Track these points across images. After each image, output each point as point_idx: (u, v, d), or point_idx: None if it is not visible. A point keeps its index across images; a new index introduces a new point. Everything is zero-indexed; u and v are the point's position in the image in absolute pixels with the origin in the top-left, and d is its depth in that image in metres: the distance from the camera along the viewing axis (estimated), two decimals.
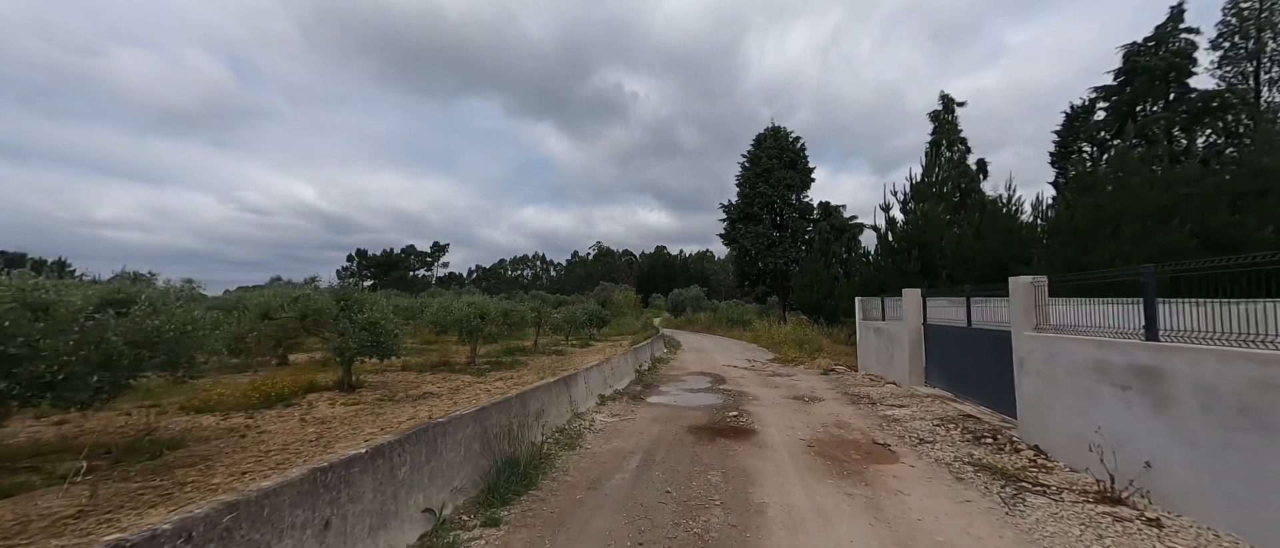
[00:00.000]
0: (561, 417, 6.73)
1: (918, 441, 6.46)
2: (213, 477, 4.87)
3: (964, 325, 8.55)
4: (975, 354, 8.09)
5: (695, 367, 14.77)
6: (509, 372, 14.02)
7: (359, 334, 9.11)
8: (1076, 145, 27.58)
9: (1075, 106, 27.66)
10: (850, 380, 11.98)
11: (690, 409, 8.59)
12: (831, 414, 8.21)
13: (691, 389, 10.75)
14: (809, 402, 9.35)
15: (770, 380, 12.06)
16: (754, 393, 10.29)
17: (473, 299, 14.71)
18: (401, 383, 11.46)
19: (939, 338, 9.72)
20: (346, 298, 9.38)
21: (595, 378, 8.72)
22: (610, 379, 9.76)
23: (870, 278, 19.52)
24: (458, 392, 10.50)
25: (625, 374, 11.12)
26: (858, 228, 33.58)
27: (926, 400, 8.92)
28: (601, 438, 6.47)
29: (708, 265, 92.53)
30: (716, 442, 6.50)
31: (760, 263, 33.91)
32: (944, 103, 26.05)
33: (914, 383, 10.29)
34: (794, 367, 15.04)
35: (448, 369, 13.84)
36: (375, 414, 8.09)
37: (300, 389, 9.40)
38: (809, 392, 10.42)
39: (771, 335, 22.89)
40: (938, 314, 10.11)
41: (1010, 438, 6.25)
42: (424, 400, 9.49)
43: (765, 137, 34.44)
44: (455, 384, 11.36)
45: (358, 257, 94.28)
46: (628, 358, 11.94)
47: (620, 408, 8.41)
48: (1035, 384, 5.89)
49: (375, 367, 14.17)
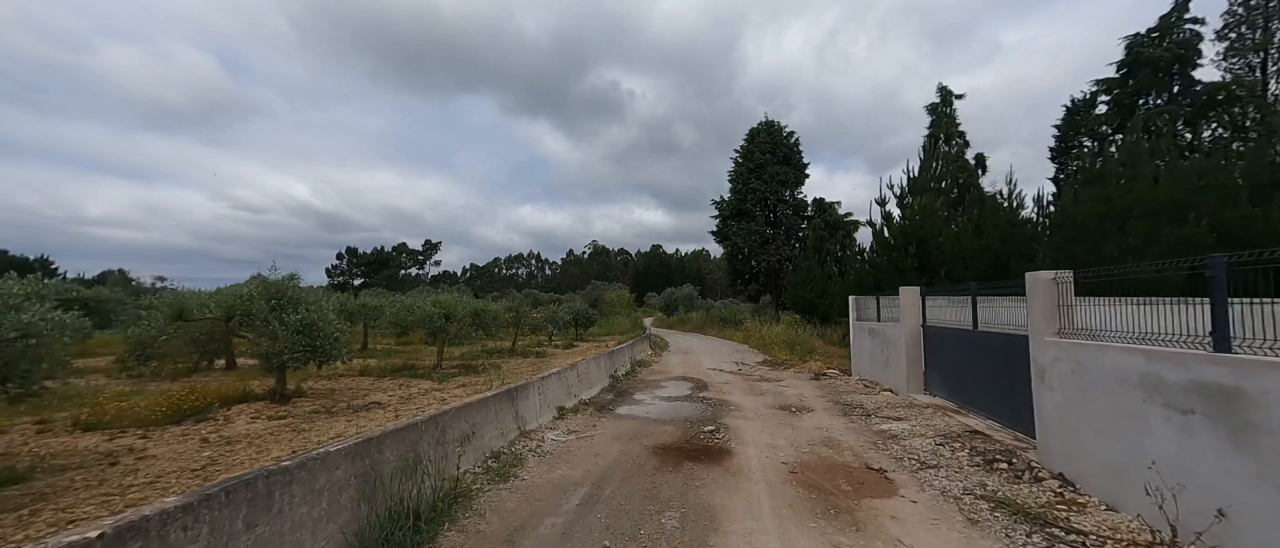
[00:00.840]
0: (502, 437, 5.72)
1: (919, 464, 5.49)
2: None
3: (969, 328, 7.60)
4: (983, 361, 7.14)
5: (678, 371, 13.79)
6: (477, 377, 13.00)
7: (291, 337, 8.05)
8: (1077, 140, 26.77)
9: (1076, 100, 26.85)
10: (843, 387, 11.03)
11: (662, 423, 7.60)
12: (820, 429, 7.23)
13: (669, 398, 9.76)
14: (796, 413, 8.37)
15: (756, 387, 11.09)
16: (737, 402, 9.32)
17: (439, 298, 13.66)
18: (350, 391, 10.42)
19: (940, 341, 8.77)
20: (279, 295, 8.34)
21: (555, 387, 7.70)
22: (576, 387, 8.75)
23: (865, 276, 18.59)
24: (409, 401, 9.48)
25: (596, 381, 10.12)
26: (853, 225, 32.69)
27: (926, 412, 7.96)
28: (546, 465, 5.46)
29: (704, 265, 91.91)
30: (683, 467, 5.51)
31: (753, 261, 32.97)
32: (942, 95, 25.18)
33: (912, 390, 9.34)
34: (784, 370, 14.09)
35: (410, 374, 12.81)
36: (298, 431, 7.04)
37: (226, 400, 8.34)
38: (797, 401, 9.45)
39: (762, 336, 21.95)
40: (939, 315, 9.16)
41: (1028, 463, 5.29)
42: (367, 413, 8.46)
43: (759, 131, 33.47)
44: (410, 392, 10.34)
45: (348, 254, 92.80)
46: (602, 362, 10.93)
47: (581, 422, 7.40)
48: (1059, 400, 4.92)
49: (330, 372, 13.13)
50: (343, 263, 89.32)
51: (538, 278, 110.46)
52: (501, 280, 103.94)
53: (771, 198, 31.98)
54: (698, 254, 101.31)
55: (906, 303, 9.57)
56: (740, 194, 32.66)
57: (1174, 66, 23.67)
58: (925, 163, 17.70)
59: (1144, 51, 23.64)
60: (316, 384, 11.16)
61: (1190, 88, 23.43)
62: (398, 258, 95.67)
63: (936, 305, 9.21)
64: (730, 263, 34.87)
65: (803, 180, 33.39)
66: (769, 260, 31.77)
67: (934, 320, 9.25)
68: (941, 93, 25.03)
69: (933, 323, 9.21)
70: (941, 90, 25.04)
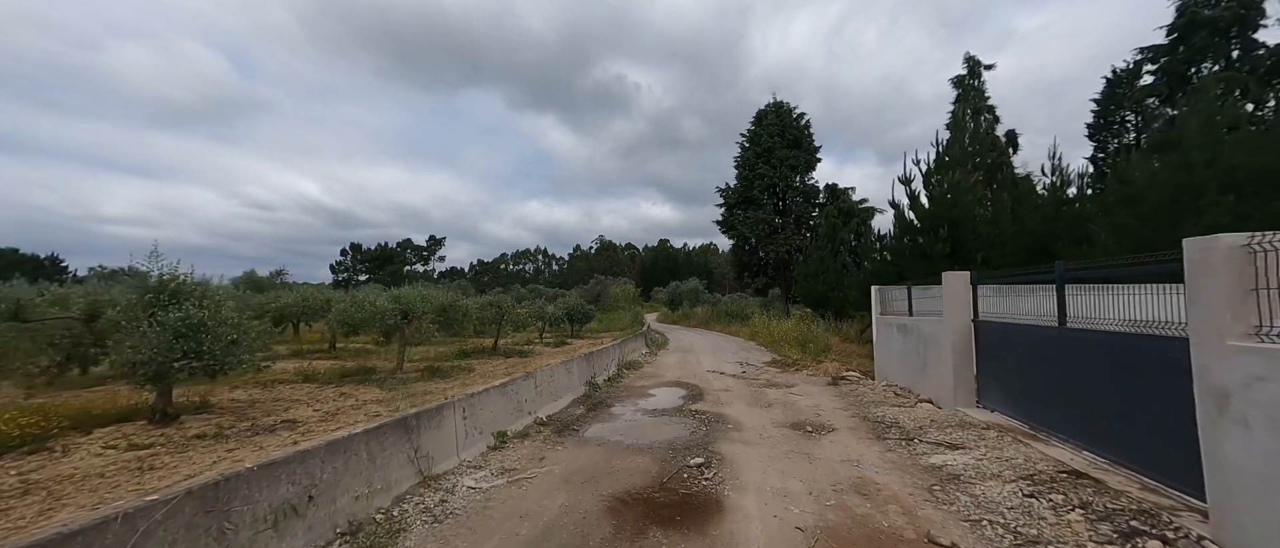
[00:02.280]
0: (383, 491, 3.88)
1: (1012, 536, 3.56)
2: None
3: (1050, 325, 5.61)
4: (1079, 371, 5.16)
5: (672, 374, 11.90)
6: (443, 382, 11.24)
7: (167, 341, 6.29)
8: (1119, 115, 24.34)
9: (1118, 71, 24.39)
10: (868, 395, 9.08)
11: (635, 452, 5.72)
12: (848, 462, 5.32)
13: (653, 411, 7.89)
14: (813, 435, 6.45)
15: (763, 395, 9.17)
16: (738, 417, 7.42)
17: (399, 292, 11.88)
18: (274, 403, 8.68)
19: (1001, 342, 6.79)
20: (160, 290, 6.59)
21: (495, 406, 5.84)
22: (532, 402, 6.89)
23: (884, 266, 16.52)
24: (334, 418, 7.73)
25: (564, 391, 8.26)
26: (868, 212, 30.53)
27: (988, 436, 6.00)
28: (436, 541, 3.60)
29: (711, 258, 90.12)
30: (647, 538, 3.64)
31: (761, 252, 30.90)
32: (969, 65, 22.87)
33: (960, 403, 7.37)
34: (795, 373, 12.15)
35: (362, 380, 11.06)
36: (149, 470, 5.27)
37: (89, 420, 6.61)
38: (813, 415, 7.52)
39: (770, 332, 19.97)
40: (996, 307, 7.17)
41: (1198, 542, 3.33)
42: (273, 435, 6.69)
43: (766, 113, 31.28)
44: (345, 405, 8.58)
45: (352, 251, 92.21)
46: (575, 367, 9.08)
47: (526, 454, 5.55)
48: (1270, 447, 2.96)
49: (269, 376, 11.44)
50: (347, 259, 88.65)
51: (545, 273, 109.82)
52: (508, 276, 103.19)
53: (780, 184, 29.86)
54: (705, 248, 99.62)
55: (952, 293, 7.58)
56: (747, 181, 30.55)
57: (1233, 28, 21.16)
58: (955, 136, 15.56)
59: (1199, 13, 21.13)
60: (239, 395, 9.45)
61: (1252, 51, 20.92)
62: (402, 254, 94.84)
63: (993, 296, 7.22)
64: (736, 255, 32.84)
65: (814, 165, 31.15)
66: (778, 251, 29.68)
67: (989, 314, 7.26)
68: (969, 63, 22.73)
69: (989, 318, 7.22)
70: (969, 61, 22.74)
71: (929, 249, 14.04)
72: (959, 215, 14.10)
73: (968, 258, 13.91)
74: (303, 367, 12.44)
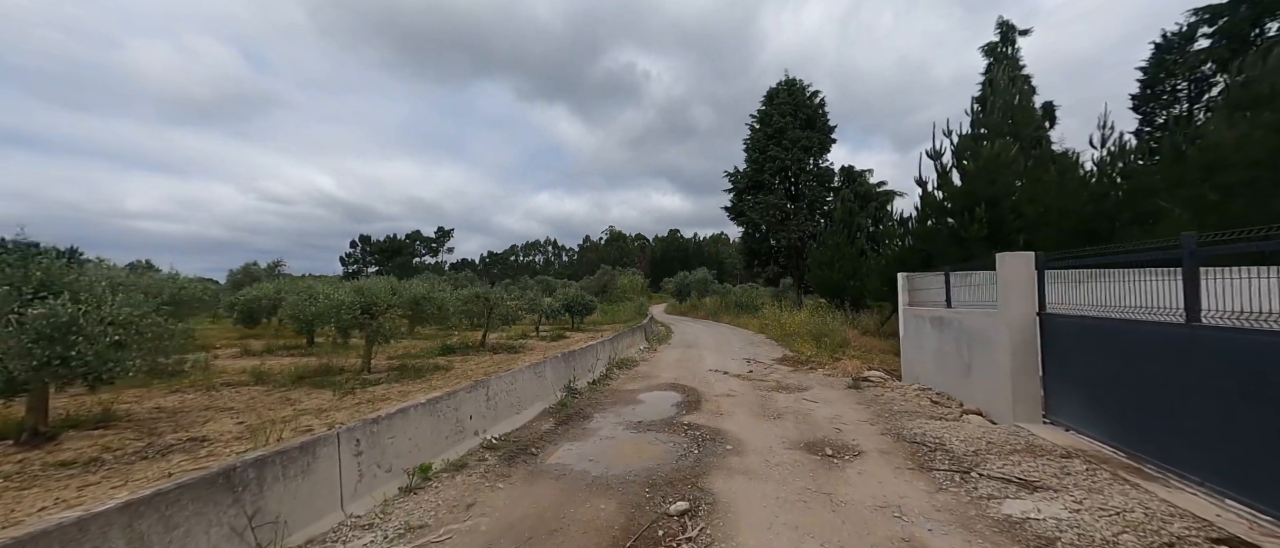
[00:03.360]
0: None
1: None
2: None
3: (1173, 321, 4.06)
4: (1224, 384, 3.64)
5: (668, 374, 10.49)
6: (412, 383, 9.99)
7: (27, 347, 5.04)
8: (1169, 84, 22.12)
9: (1168, 36, 22.13)
10: (897, 401, 7.58)
11: (601, 491, 4.34)
12: (886, 507, 3.87)
13: (638, 426, 6.49)
14: (835, 462, 5.00)
15: (771, 401, 7.72)
16: (739, 433, 5.99)
17: (364, 283, 10.60)
18: (194, 414, 7.46)
19: (1083, 341, 5.24)
20: (24, 281, 5.35)
21: (420, 429, 4.46)
22: (483, 417, 5.53)
23: (909, 252, 14.87)
24: (256, 433, 6.46)
25: (534, 398, 6.89)
26: (887, 196, 28.58)
27: (1073, 467, 4.49)
28: None
29: (722, 249, 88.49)
30: None
31: (772, 239, 29.20)
32: (1001, 32, 20.81)
33: (1021, 417, 5.86)
34: (809, 372, 10.66)
35: (320, 383, 9.81)
36: None
37: None
38: (834, 431, 6.06)
39: (782, 324, 18.45)
40: (1071, 296, 5.63)
41: None
42: (163, 461, 5.43)
43: (778, 91, 29.41)
44: (282, 415, 7.33)
45: (361, 242, 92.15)
46: (551, 368, 7.70)
47: (453, 496, 4.18)
48: None
49: (218, 375, 10.27)
50: (356, 251, 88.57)
51: (554, 264, 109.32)
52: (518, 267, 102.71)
53: (793, 167, 28.06)
54: (716, 238, 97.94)
55: (1012, 279, 6.01)
56: (757, 164, 28.79)
57: None
58: (994, 102, 13.77)
59: None
60: (170, 402, 8.27)
61: None
62: (411, 245, 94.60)
63: (1068, 282, 5.66)
64: (746, 243, 31.17)
65: (829, 146, 29.25)
66: (790, 238, 27.97)
67: (1061, 305, 5.71)
68: (1001, 29, 20.68)
69: (1060, 310, 5.67)
70: (1002, 26, 20.69)
71: (963, 231, 12.38)
72: (998, 193, 12.40)
73: (1007, 241, 12.22)
74: (260, 365, 11.27)
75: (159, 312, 6.46)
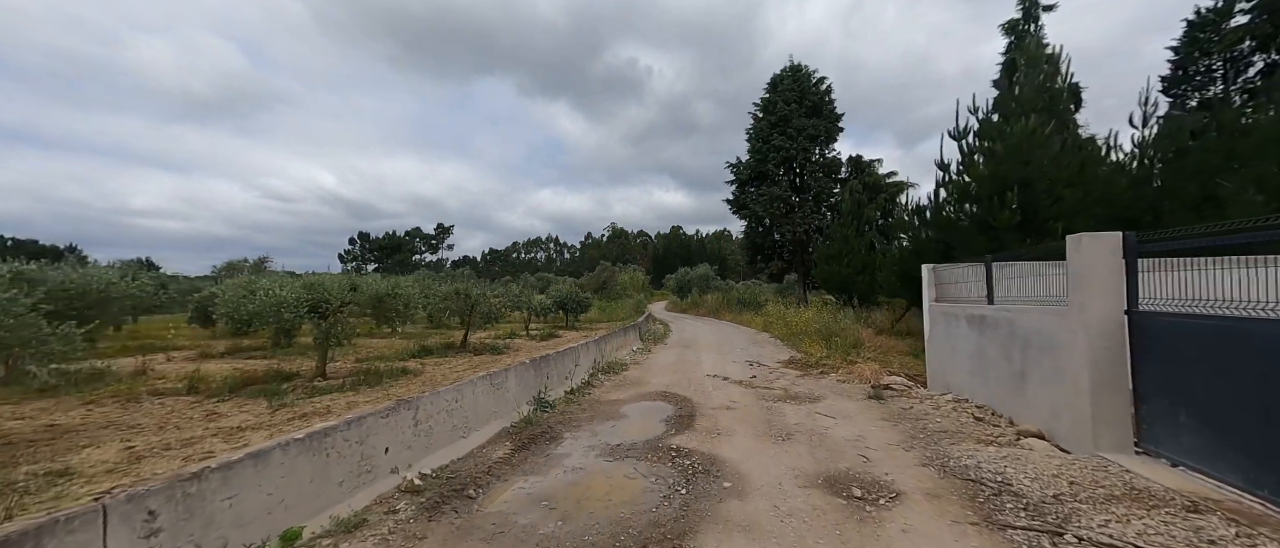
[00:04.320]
0: None
1: None
2: None
3: None
4: None
5: (661, 380, 9.21)
6: (369, 391, 8.76)
7: None
8: (1203, 63, 20.64)
9: (1202, 13, 20.62)
10: (930, 416, 6.28)
11: None
12: None
13: (614, 451, 5.22)
14: (866, 507, 3.72)
15: (778, 416, 6.44)
16: (739, 464, 4.72)
17: (314, 279, 9.36)
18: (77, 434, 6.21)
19: (1203, 350, 3.93)
20: None
21: (290, 477, 3.18)
22: (409, 449, 4.27)
23: (927, 243, 13.54)
24: (140, 463, 5.23)
25: (490, 416, 5.63)
26: (897, 187, 27.19)
27: (1211, 525, 3.20)
28: None
29: (725, 245, 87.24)
30: None
31: (776, 233, 27.90)
32: (1023, 8, 19.36)
33: (1104, 444, 4.56)
34: (820, 378, 9.37)
35: (263, 391, 8.57)
36: None
37: None
38: (858, 458, 4.78)
39: (787, 322, 17.12)
40: (1171, 290, 4.32)
41: None
42: None
43: (783, 78, 28.02)
44: (192, 435, 6.10)
45: (361, 239, 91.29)
46: (515, 376, 6.43)
47: None
48: None
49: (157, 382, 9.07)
50: (355, 248, 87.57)
51: (556, 261, 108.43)
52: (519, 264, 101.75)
53: (798, 157, 26.69)
54: (719, 235, 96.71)
55: (1090, 268, 4.69)
56: (760, 153, 27.43)
57: None
58: (1027, 73, 12.42)
59: None
60: (69, 418, 7.04)
61: None
62: (411, 242, 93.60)
63: (1181, 273, 4.34)
64: (748, 237, 29.88)
65: (835, 135, 27.88)
66: (795, 231, 26.64)
67: (1159, 302, 4.40)
68: (1023, 5, 19.21)
69: (1159, 308, 4.36)
70: (1023, 2, 19.20)
71: (992, 218, 11.05)
72: (1031, 175, 11.06)
73: (1042, 228, 10.92)
74: (197, 371, 10.02)
75: (35, 310, 5.24)
